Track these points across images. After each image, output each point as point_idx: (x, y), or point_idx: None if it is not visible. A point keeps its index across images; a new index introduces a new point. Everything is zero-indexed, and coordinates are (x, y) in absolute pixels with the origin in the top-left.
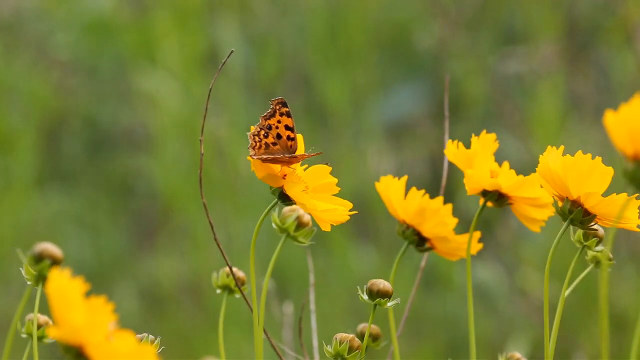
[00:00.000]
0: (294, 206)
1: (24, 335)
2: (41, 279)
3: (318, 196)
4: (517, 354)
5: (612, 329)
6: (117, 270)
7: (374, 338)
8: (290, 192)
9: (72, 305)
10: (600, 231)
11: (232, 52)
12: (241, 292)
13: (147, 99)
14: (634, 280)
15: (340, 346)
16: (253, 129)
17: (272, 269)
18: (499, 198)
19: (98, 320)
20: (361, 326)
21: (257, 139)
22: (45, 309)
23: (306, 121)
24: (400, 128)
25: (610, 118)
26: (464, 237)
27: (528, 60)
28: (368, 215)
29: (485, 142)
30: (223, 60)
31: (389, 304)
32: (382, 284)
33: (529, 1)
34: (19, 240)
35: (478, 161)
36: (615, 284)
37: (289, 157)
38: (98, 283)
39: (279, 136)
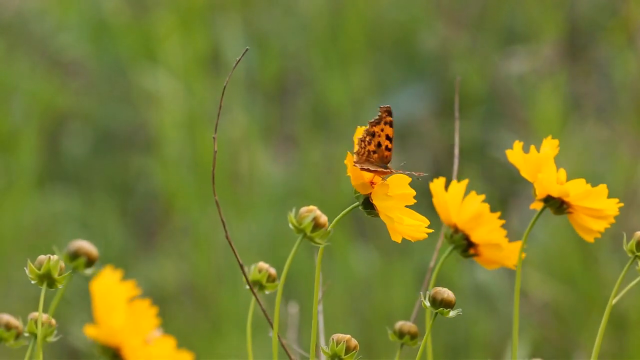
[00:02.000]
0: (311, 206)
1: (26, 334)
2: (46, 278)
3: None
4: None
5: (613, 329)
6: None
7: (412, 337)
8: (378, 203)
9: (114, 306)
10: None
11: (247, 50)
12: (254, 292)
13: (149, 99)
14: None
15: (337, 347)
16: (361, 133)
17: (286, 270)
18: (560, 206)
19: (139, 324)
20: (399, 324)
21: (362, 144)
22: (47, 309)
23: (307, 122)
24: (402, 129)
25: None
26: (515, 245)
27: (529, 60)
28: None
29: (553, 147)
30: (237, 59)
31: (450, 314)
32: (447, 293)
33: (531, 1)
34: (20, 241)
35: (548, 166)
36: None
37: (385, 171)
38: None
39: (379, 144)
